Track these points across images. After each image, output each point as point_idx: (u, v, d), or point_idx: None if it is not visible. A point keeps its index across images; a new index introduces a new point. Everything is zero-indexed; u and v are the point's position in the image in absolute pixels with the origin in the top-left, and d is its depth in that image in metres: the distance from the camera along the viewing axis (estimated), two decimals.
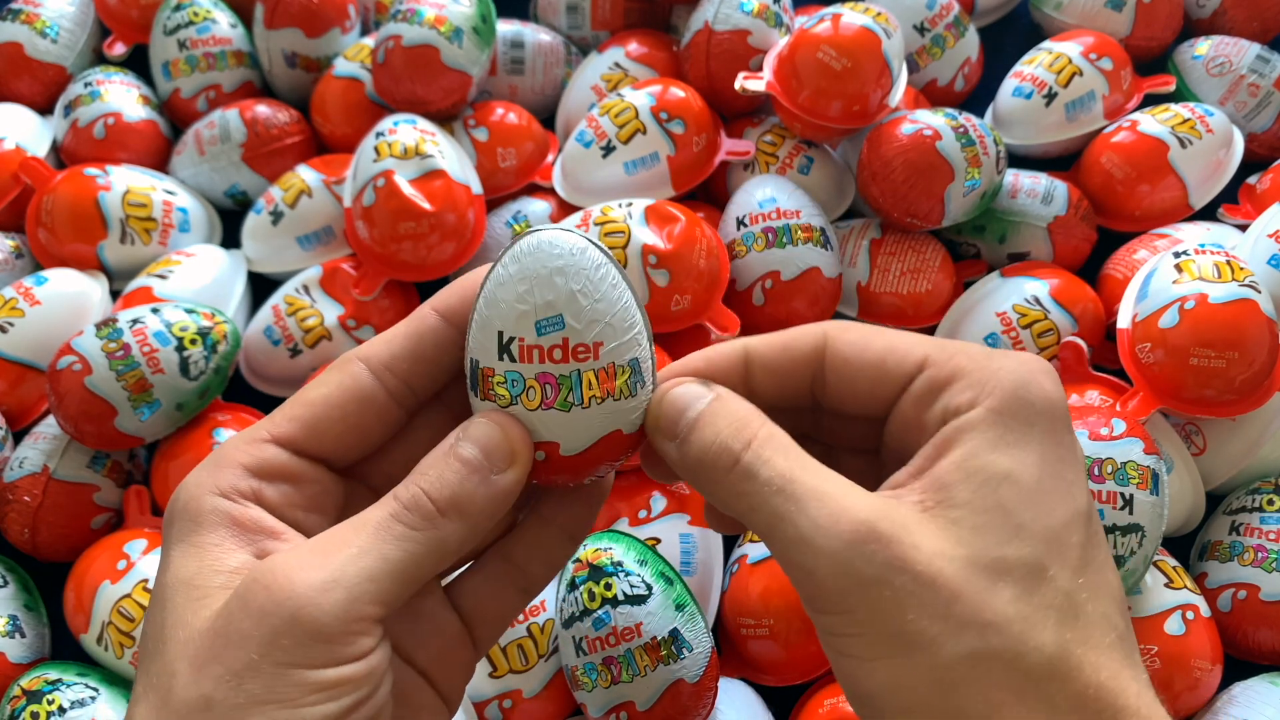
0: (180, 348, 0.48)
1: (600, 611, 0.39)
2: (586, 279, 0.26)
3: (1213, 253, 0.47)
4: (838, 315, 0.54)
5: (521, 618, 0.43)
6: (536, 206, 0.56)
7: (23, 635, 0.46)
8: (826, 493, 0.24)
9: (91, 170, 0.56)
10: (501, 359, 0.26)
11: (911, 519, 0.24)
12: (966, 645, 0.23)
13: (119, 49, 0.64)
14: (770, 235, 0.51)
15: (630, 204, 0.51)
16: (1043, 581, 0.23)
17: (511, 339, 0.26)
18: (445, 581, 0.30)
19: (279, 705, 0.23)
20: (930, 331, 0.53)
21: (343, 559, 0.24)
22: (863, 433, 0.29)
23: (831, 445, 0.30)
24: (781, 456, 0.25)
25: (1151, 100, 0.59)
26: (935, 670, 0.23)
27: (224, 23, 0.62)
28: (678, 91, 0.55)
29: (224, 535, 0.25)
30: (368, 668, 0.24)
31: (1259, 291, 0.46)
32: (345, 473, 0.29)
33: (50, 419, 0.50)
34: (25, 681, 0.43)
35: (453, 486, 0.25)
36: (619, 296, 0.26)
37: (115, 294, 0.55)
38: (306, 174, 0.56)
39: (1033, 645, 0.23)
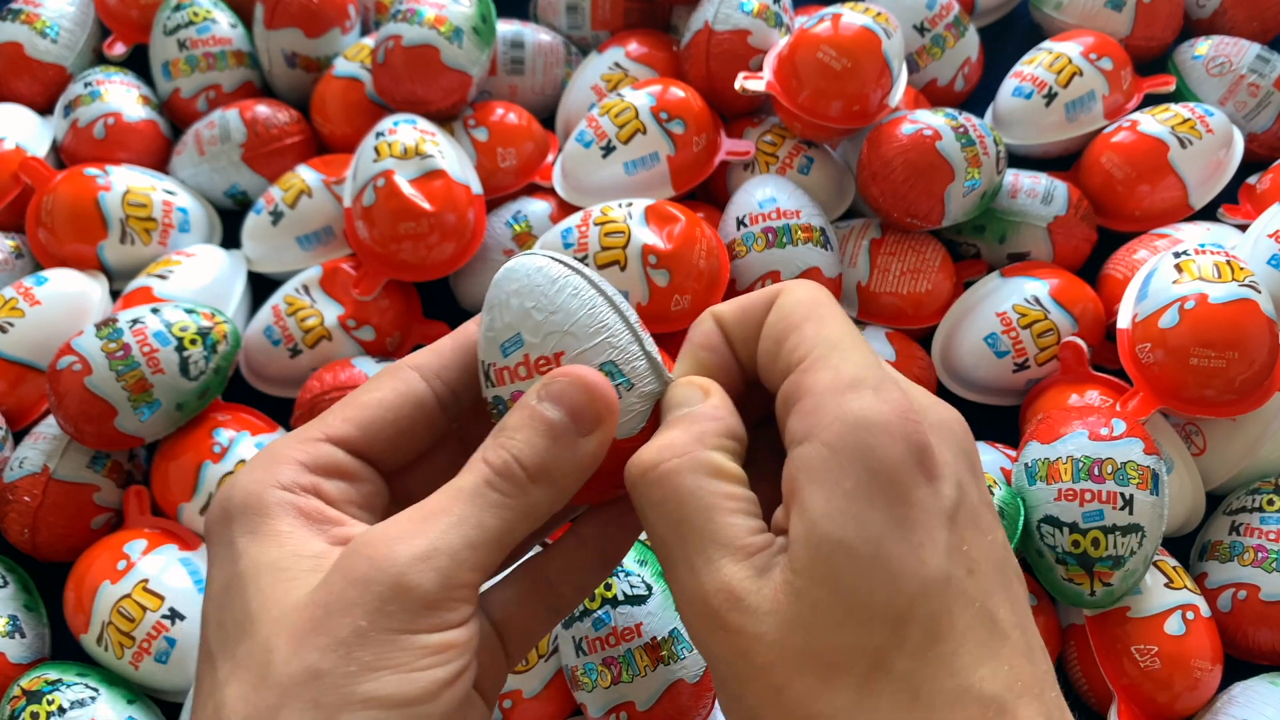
0: (180, 348, 0.48)
1: (600, 612, 0.39)
2: (541, 294, 0.27)
3: (1213, 253, 0.47)
4: None
5: None
6: (536, 206, 0.56)
7: (23, 635, 0.46)
8: (695, 570, 0.24)
9: (91, 170, 0.56)
10: (487, 386, 0.28)
11: (764, 602, 0.23)
12: None
13: (119, 49, 0.64)
14: (770, 235, 0.51)
15: (630, 204, 0.51)
16: (880, 668, 0.22)
17: (489, 365, 0.28)
18: (482, 589, 0.30)
19: (392, 670, 0.23)
20: (931, 331, 0.53)
21: (443, 527, 0.24)
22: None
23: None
24: (689, 490, 0.25)
25: (1151, 100, 0.59)
26: None
27: (224, 23, 0.62)
28: (678, 91, 0.55)
29: (295, 524, 0.26)
30: (469, 633, 0.24)
31: (1259, 291, 0.46)
32: (389, 477, 0.29)
33: (50, 419, 0.50)
34: (25, 681, 0.43)
35: (542, 453, 0.26)
36: (580, 305, 0.27)
37: (115, 294, 0.55)
38: (306, 174, 0.56)
39: None
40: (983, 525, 0.24)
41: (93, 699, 0.42)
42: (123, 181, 0.56)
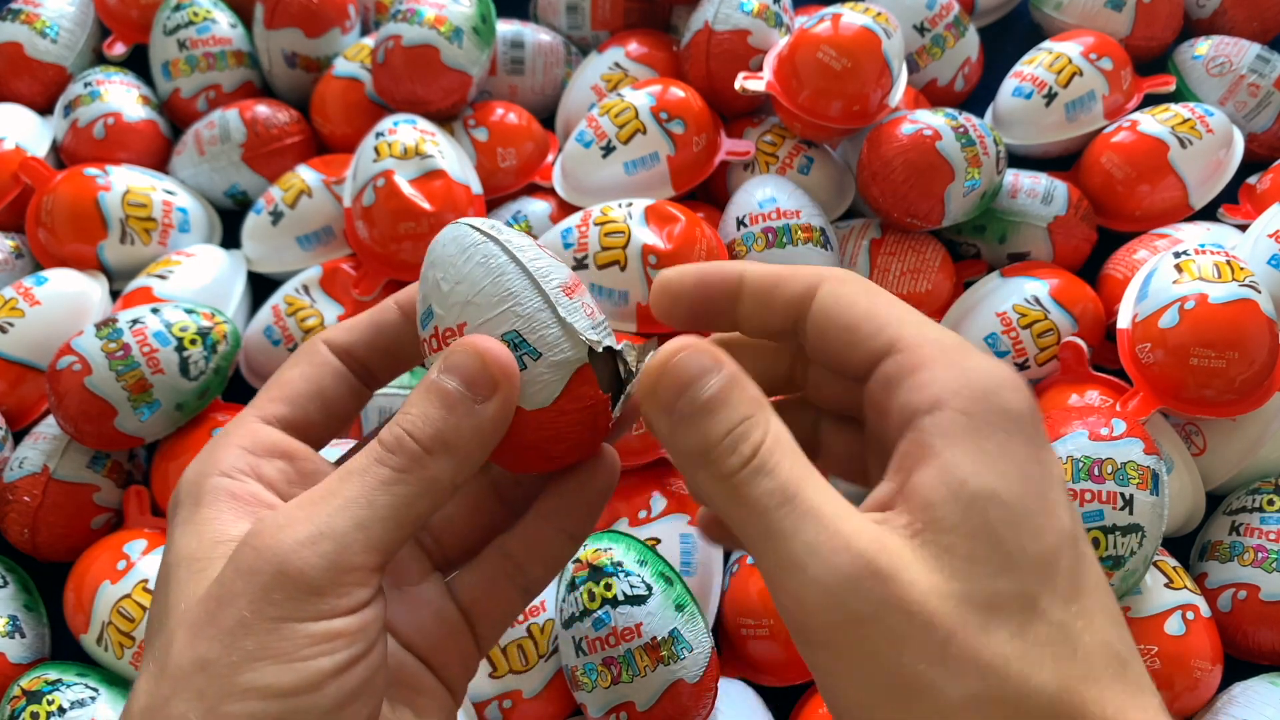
0: (180, 348, 0.48)
1: (600, 612, 0.39)
2: (449, 264, 0.26)
3: (1213, 253, 0.47)
4: None
5: (521, 618, 0.43)
6: (536, 206, 0.56)
7: (23, 635, 0.46)
8: (827, 515, 0.23)
9: (91, 170, 0.56)
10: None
11: (906, 551, 0.22)
12: (967, 689, 0.21)
13: (119, 49, 0.64)
14: (770, 235, 0.51)
15: (630, 204, 0.51)
16: (1037, 615, 0.22)
17: (421, 342, 0.27)
18: (449, 578, 0.30)
19: (273, 660, 0.22)
20: None
21: (330, 509, 0.24)
22: (844, 395, 0.28)
23: (817, 410, 0.30)
24: (789, 463, 0.24)
25: (1151, 100, 0.59)
26: (934, 715, 0.22)
27: (224, 23, 0.62)
28: (678, 91, 0.55)
29: (223, 509, 0.25)
30: (361, 621, 0.24)
31: (1259, 291, 0.46)
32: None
33: (50, 419, 0.50)
34: (25, 682, 0.43)
35: (436, 423, 0.25)
36: (485, 274, 0.26)
37: (115, 294, 0.55)
38: (306, 174, 0.56)
39: (1034, 686, 0.21)
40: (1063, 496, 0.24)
41: (93, 699, 0.42)
42: (123, 181, 0.56)
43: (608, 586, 0.39)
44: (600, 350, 0.26)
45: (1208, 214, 0.56)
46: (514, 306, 0.26)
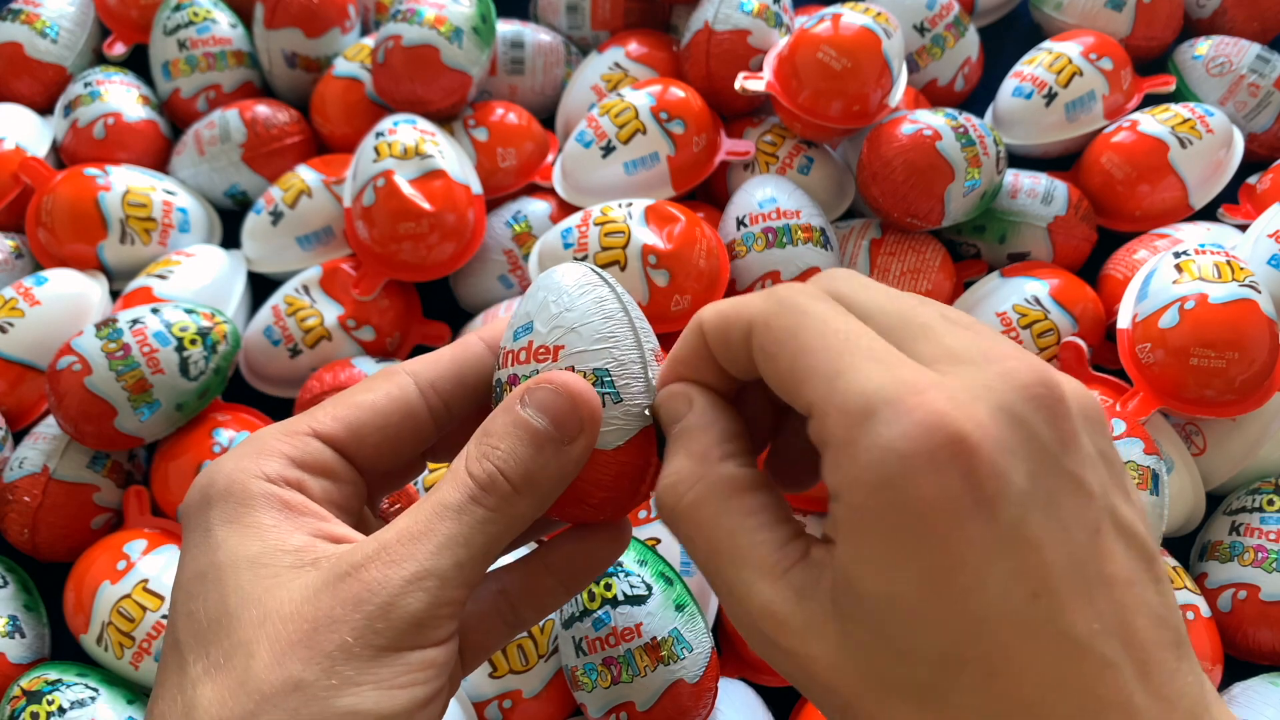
0: (180, 348, 0.48)
1: (600, 612, 0.39)
2: (564, 292, 0.27)
3: (1213, 253, 0.47)
4: None
5: None
6: (536, 206, 0.56)
7: (23, 635, 0.46)
8: (739, 597, 0.24)
9: (91, 170, 0.56)
10: (496, 369, 0.28)
11: (813, 625, 0.23)
12: None
13: (119, 49, 0.64)
14: (770, 235, 0.51)
15: (630, 204, 0.51)
16: (940, 701, 0.21)
17: (502, 349, 0.28)
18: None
19: (373, 686, 0.23)
20: None
21: (431, 548, 0.24)
22: None
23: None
24: (710, 524, 0.24)
25: (1151, 100, 0.59)
26: None
27: (224, 23, 0.62)
28: (678, 91, 0.55)
29: (277, 517, 0.25)
30: (450, 652, 0.24)
31: (1259, 291, 0.46)
32: (369, 479, 0.29)
33: (50, 419, 0.50)
34: (25, 682, 0.43)
35: (526, 463, 0.25)
36: (596, 310, 0.27)
37: (115, 294, 0.55)
38: (306, 174, 0.56)
39: None
40: (1063, 517, 0.21)
41: (93, 699, 0.42)
42: (123, 181, 0.56)
43: (607, 586, 0.39)
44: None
45: (1208, 214, 0.56)
46: (613, 348, 0.27)
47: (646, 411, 0.27)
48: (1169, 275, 0.47)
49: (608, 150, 0.54)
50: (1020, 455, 0.21)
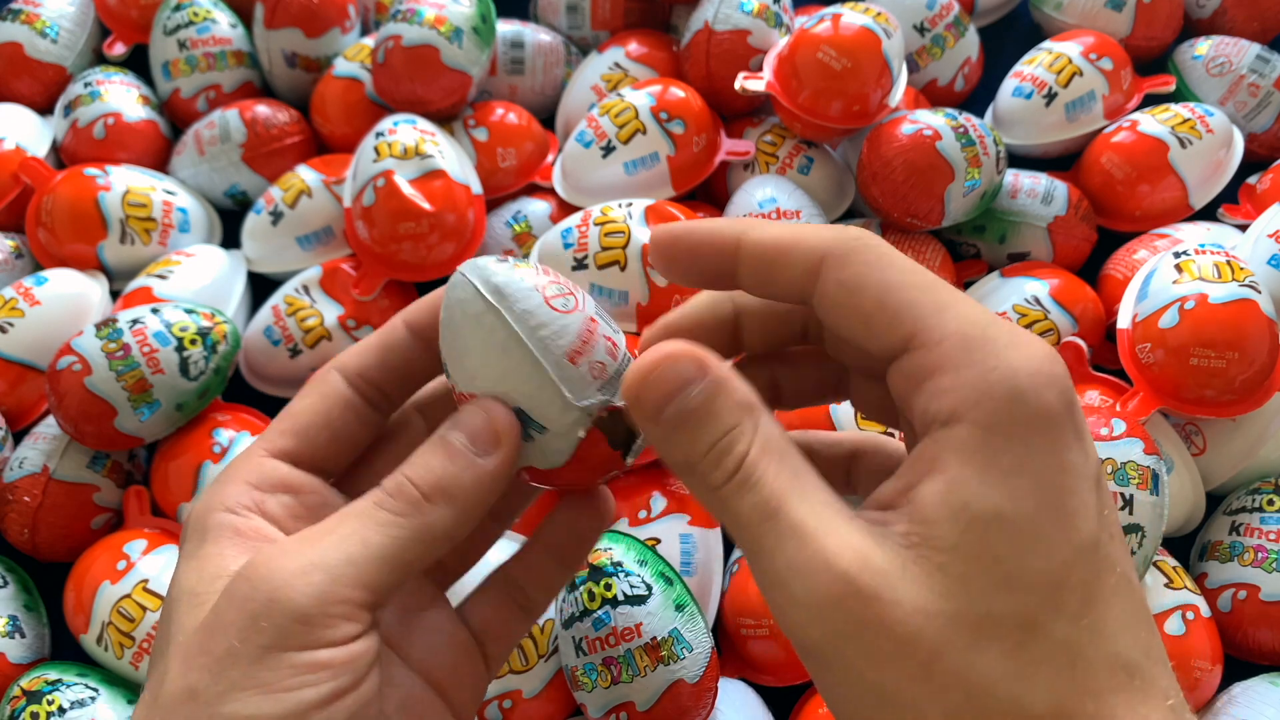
0: (180, 348, 0.48)
1: (600, 612, 0.39)
2: (457, 331, 0.27)
3: (1213, 253, 0.47)
4: None
5: None
6: (536, 206, 0.56)
7: (23, 635, 0.46)
8: (810, 530, 0.22)
9: (91, 170, 0.56)
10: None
11: (894, 565, 0.22)
12: (949, 708, 0.21)
13: (119, 49, 0.64)
14: None
15: (630, 204, 0.51)
16: (1035, 635, 0.21)
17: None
18: (457, 605, 0.31)
19: (257, 690, 0.22)
20: None
21: (324, 545, 0.24)
22: (866, 361, 0.26)
23: (846, 365, 0.28)
24: (773, 473, 0.23)
25: (1151, 100, 0.59)
26: None
27: (224, 23, 0.62)
28: (678, 91, 0.55)
29: (225, 545, 0.26)
30: (348, 654, 0.24)
31: (1259, 291, 0.46)
32: (341, 486, 0.29)
33: (50, 419, 0.50)
34: (25, 682, 0.43)
35: (436, 472, 0.25)
36: (489, 348, 0.26)
37: (115, 294, 0.55)
38: (306, 174, 0.56)
39: (1024, 705, 0.21)
40: (1107, 486, 0.23)
41: (93, 699, 0.42)
42: (123, 181, 0.56)
43: (608, 586, 0.39)
44: (607, 414, 0.27)
45: (1208, 214, 0.56)
46: (517, 384, 0.26)
47: (576, 424, 0.26)
48: (1169, 275, 0.47)
49: (608, 150, 0.54)
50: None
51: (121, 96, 0.60)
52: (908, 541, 0.22)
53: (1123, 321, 0.48)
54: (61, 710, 0.42)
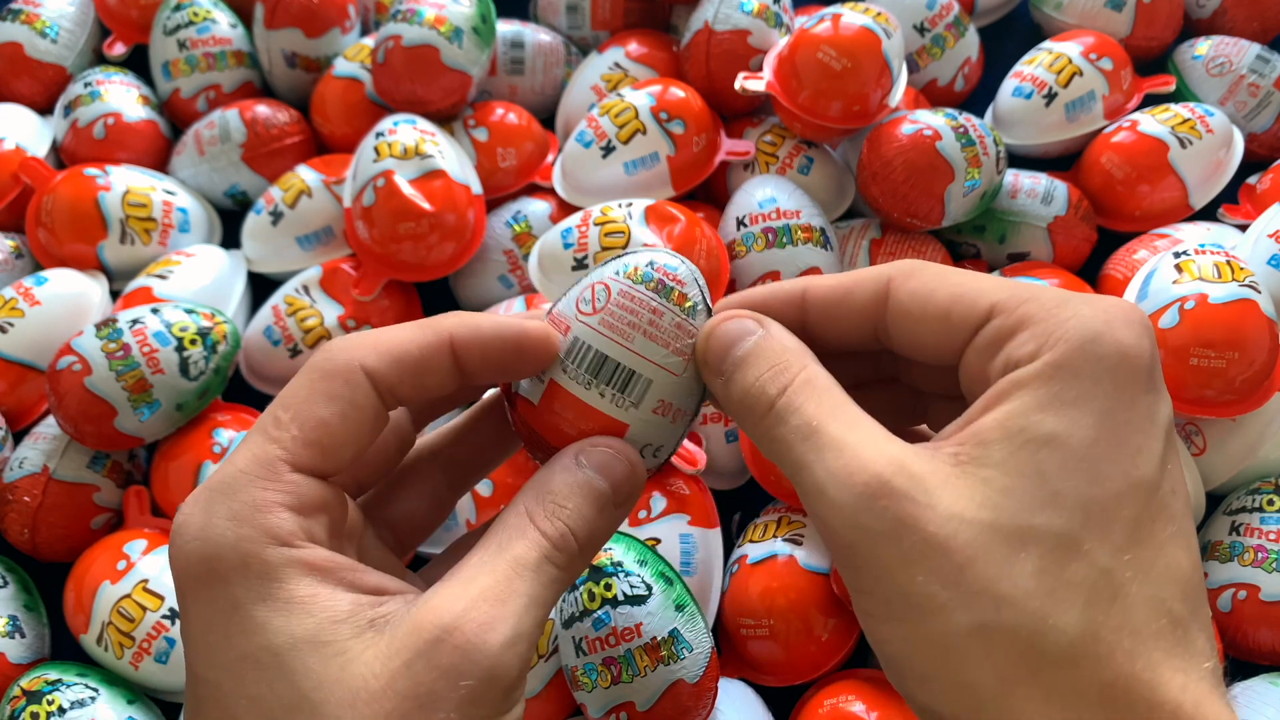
0: (180, 348, 0.48)
1: (600, 612, 0.39)
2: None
3: (1213, 253, 0.47)
4: None
5: None
6: (536, 206, 0.56)
7: (23, 635, 0.46)
8: (847, 443, 0.23)
9: (91, 170, 0.56)
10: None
11: (936, 474, 0.22)
12: (977, 616, 0.21)
13: (119, 49, 0.64)
14: (770, 235, 0.51)
15: (630, 204, 0.51)
16: (1075, 556, 0.21)
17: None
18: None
19: None
20: None
21: (518, 609, 0.24)
22: (946, 378, 0.27)
23: (921, 390, 0.29)
24: (814, 402, 0.24)
25: (1151, 100, 0.59)
26: (944, 638, 0.21)
27: (224, 23, 0.62)
28: (678, 91, 0.55)
29: (314, 584, 0.24)
30: (522, 710, 0.25)
31: (1259, 291, 0.46)
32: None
33: (50, 419, 0.50)
34: (25, 682, 0.43)
35: (590, 525, 0.26)
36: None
37: (115, 294, 0.55)
38: (306, 174, 0.56)
39: (1052, 624, 0.21)
40: (1180, 452, 0.24)
41: (93, 699, 0.42)
42: (123, 181, 0.56)
43: (607, 586, 0.39)
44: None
45: (1208, 214, 0.56)
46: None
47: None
48: (1169, 275, 0.47)
49: (608, 150, 0.54)
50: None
51: (121, 96, 0.60)
52: (955, 460, 0.22)
53: None
54: (61, 710, 0.42)
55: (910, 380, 0.29)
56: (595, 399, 0.27)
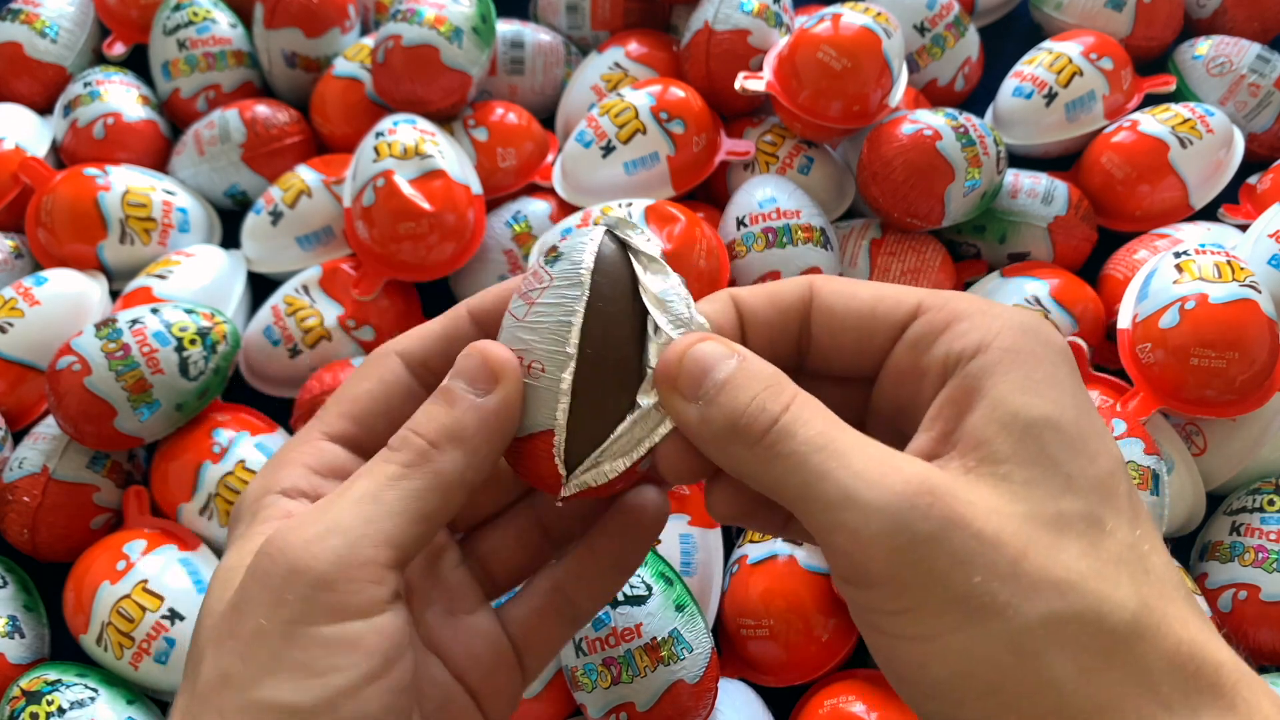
0: (180, 348, 0.48)
1: (600, 612, 0.39)
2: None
3: (1213, 253, 0.47)
4: None
5: None
6: (536, 206, 0.56)
7: (22, 635, 0.46)
8: (871, 452, 0.22)
9: (91, 170, 0.56)
10: None
11: (958, 481, 0.22)
12: (1043, 607, 0.20)
13: (119, 49, 0.64)
14: (770, 235, 0.51)
15: (630, 204, 0.51)
16: (1104, 535, 0.21)
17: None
18: (497, 604, 0.30)
19: (289, 672, 0.22)
20: None
21: (338, 508, 0.24)
22: (844, 399, 0.27)
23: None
24: (820, 417, 0.24)
25: (1152, 100, 0.59)
26: (1014, 638, 0.20)
27: (224, 23, 0.62)
28: (678, 91, 0.55)
29: (272, 526, 0.25)
30: (379, 634, 0.23)
31: (1259, 291, 0.46)
32: None
33: (50, 419, 0.50)
34: (25, 682, 0.43)
35: (440, 419, 0.25)
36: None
37: (115, 294, 0.55)
38: (306, 174, 0.56)
39: (1114, 603, 0.20)
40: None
41: (92, 699, 0.42)
42: (122, 181, 0.56)
43: None
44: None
45: (1208, 214, 0.56)
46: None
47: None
48: (1169, 275, 0.47)
49: (608, 150, 0.54)
50: None
51: (121, 96, 0.60)
52: (965, 469, 0.22)
53: (1123, 321, 0.48)
54: (61, 710, 0.42)
55: (814, 366, 0.29)
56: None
